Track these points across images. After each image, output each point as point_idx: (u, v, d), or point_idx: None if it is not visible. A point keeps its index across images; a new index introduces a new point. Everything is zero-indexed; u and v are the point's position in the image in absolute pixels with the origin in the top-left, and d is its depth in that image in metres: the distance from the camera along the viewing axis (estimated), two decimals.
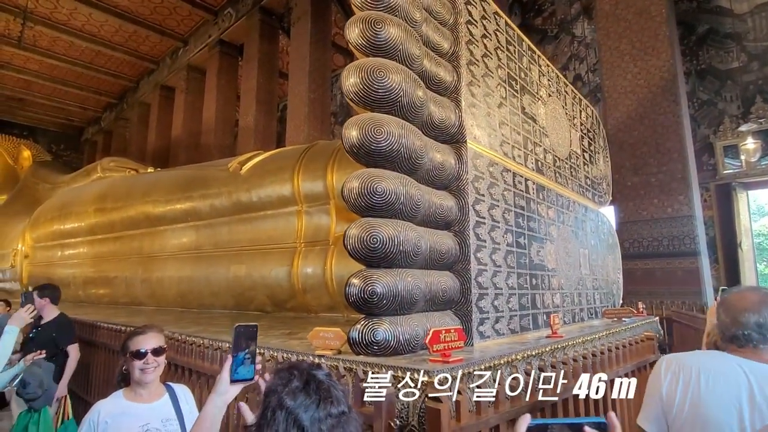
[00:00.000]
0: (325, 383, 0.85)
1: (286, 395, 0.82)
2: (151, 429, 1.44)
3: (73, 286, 8.41)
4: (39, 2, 12.00)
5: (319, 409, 0.81)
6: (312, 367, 0.90)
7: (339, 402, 0.84)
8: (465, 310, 2.74)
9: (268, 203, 5.54)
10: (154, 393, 1.52)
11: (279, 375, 0.88)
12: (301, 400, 0.81)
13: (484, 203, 2.98)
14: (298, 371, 0.86)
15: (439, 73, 2.90)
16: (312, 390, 0.82)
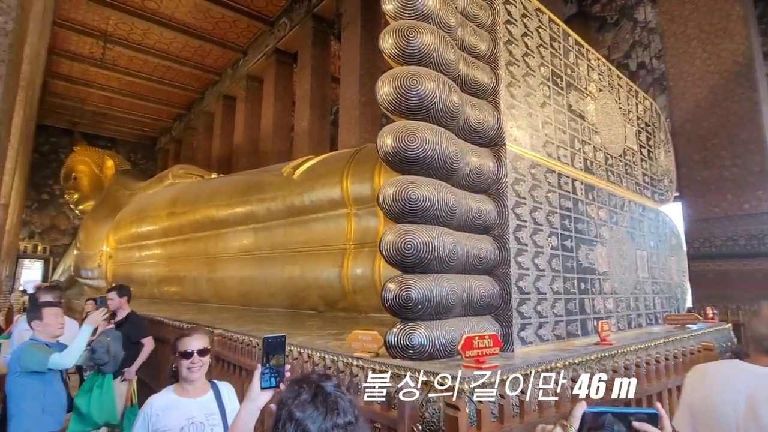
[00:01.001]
0: (333, 395, 0.88)
1: (296, 407, 0.86)
2: (195, 422, 1.60)
3: (149, 284, 9.16)
4: (117, 25, 13.20)
5: (326, 420, 0.85)
6: (321, 378, 0.94)
7: (346, 413, 0.87)
8: (505, 315, 2.71)
9: (319, 206, 5.73)
10: (199, 389, 1.68)
11: (290, 388, 0.93)
12: (310, 412, 0.85)
13: (525, 206, 2.92)
14: (306, 384, 0.91)
15: (476, 76, 2.88)
16: (320, 402, 0.86)
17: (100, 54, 13.75)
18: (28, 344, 2.77)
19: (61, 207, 18.63)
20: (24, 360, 2.67)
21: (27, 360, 2.68)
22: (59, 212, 18.97)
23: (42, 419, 2.74)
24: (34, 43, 6.26)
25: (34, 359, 2.72)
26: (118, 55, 14.65)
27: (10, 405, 2.67)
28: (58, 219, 19.13)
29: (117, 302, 4.10)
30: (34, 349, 2.75)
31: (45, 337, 2.85)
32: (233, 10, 12.56)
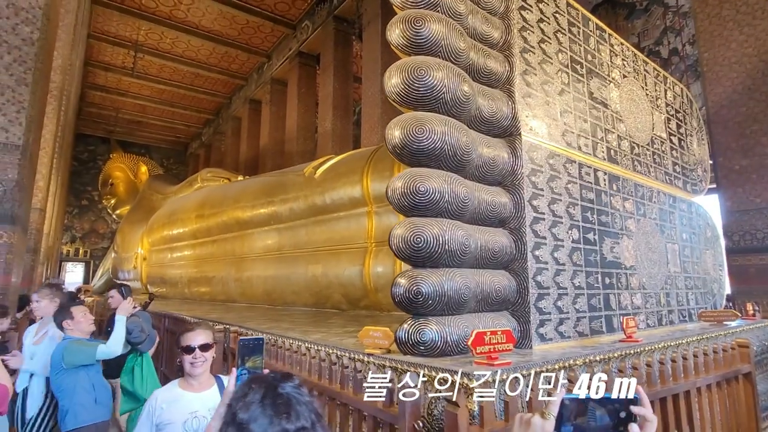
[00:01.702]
0: (286, 396, 0.79)
1: (240, 409, 0.77)
2: (198, 416, 1.61)
3: (180, 285, 9.42)
4: (148, 35, 13.68)
5: (273, 425, 0.75)
6: (279, 378, 0.84)
7: (299, 417, 0.77)
8: (522, 311, 2.61)
9: (341, 205, 5.74)
10: (204, 383, 1.69)
11: (239, 387, 0.84)
12: (255, 414, 0.76)
13: (542, 198, 2.81)
14: (257, 384, 0.82)
15: (489, 65, 2.79)
16: (268, 403, 0.77)
17: (132, 63, 14.26)
18: (70, 342, 2.87)
19: (99, 212, 19.47)
20: (69, 356, 2.77)
21: (73, 356, 2.78)
22: (98, 217, 19.83)
23: (95, 410, 2.89)
24: (67, 53, 6.55)
25: (82, 354, 2.85)
26: (149, 64, 15.17)
27: (63, 400, 2.78)
28: (98, 223, 19.99)
29: (117, 300, 4.20)
30: (78, 345, 2.88)
31: (78, 334, 2.95)
32: (257, 16, 12.78)
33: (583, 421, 0.77)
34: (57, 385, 2.80)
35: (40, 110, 3.96)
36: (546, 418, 0.79)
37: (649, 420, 0.78)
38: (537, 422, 0.80)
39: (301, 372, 2.15)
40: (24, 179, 3.42)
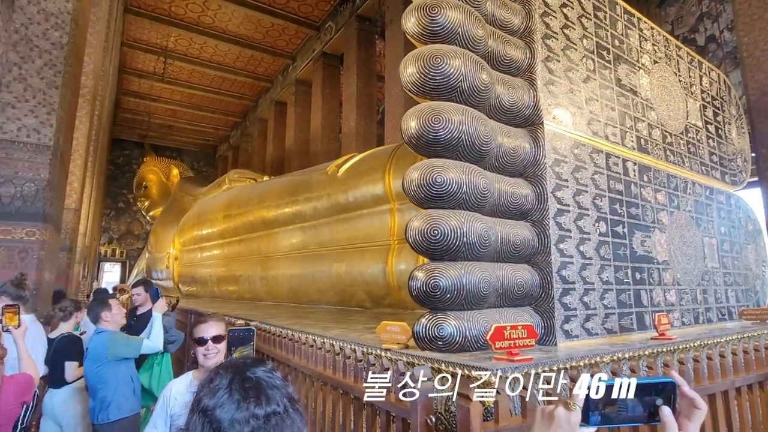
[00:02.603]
0: (255, 380, 0.74)
1: (206, 395, 0.73)
2: None
3: (210, 283, 9.63)
4: (177, 41, 14.08)
5: (240, 410, 0.70)
6: (250, 363, 0.79)
7: (270, 401, 0.72)
8: (546, 306, 2.51)
9: (363, 202, 5.72)
10: None
11: (207, 374, 0.79)
12: (221, 399, 0.71)
13: (567, 189, 2.70)
14: (225, 369, 0.77)
15: (509, 52, 2.70)
16: (236, 388, 0.72)
17: (163, 69, 14.71)
18: (112, 334, 2.96)
19: (134, 214, 20.19)
20: (114, 348, 2.85)
21: (118, 348, 2.87)
22: (133, 219, 20.56)
23: (134, 401, 2.98)
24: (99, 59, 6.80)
25: (128, 347, 2.94)
26: (179, 70, 15.61)
27: (105, 391, 2.83)
28: (133, 225, 20.73)
29: (143, 297, 4.28)
30: (122, 338, 2.98)
31: (113, 326, 3.04)
32: (282, 18, 12.95)
33: (612, 410, 0.70)
34: (98, 377, 2.83)
35: (70, 113, 4.10)
36: (571, 410, 0.73)
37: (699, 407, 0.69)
38: (561, 414, 0.73)
39: (317, 366, 2.13)
40: (55, 179, 3.55)
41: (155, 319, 3.21)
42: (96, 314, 2.95)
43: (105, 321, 2.97)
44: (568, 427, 0.73)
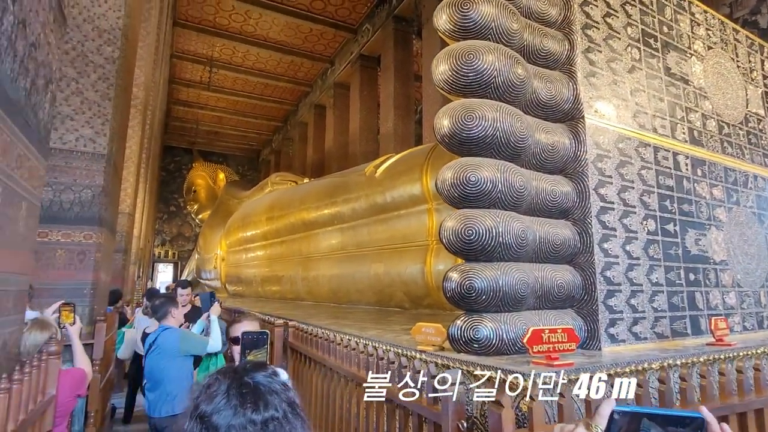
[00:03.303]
0: (253, 385, 0.73)
1: (203, 401, 0.71)
2: None
3: (254, 283, 9.92)
4: (221, 51, 14.63)
5: (237, 415, 0.68)
6: (249, 368, 0.78)
7: (268, 406, 0.71)
8: (589, 308, 2.40)
9: (401, 203, 5.71)
10: None
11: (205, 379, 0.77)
12: (218, 404, 0.70)
13: (611, 186, 2.57)
14: (223, 374, 0.76)
15: (546, 45, 2.61)
16: (233, 393, 0.71)
17: (208, 78, 15.34)
18: (183, 331, 3.10)
19: (185, 217, 21.15)
20: (185, 345, 2.97)
21: (189, 345, 2.99)
22: (184, 222, 21.56)
23: None
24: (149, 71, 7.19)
25: (198, 345, 3.06)
26: (224, 78, 16.22)
27: (171, 385, 2.93)
28: (184, 227, 21.75)
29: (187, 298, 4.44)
30: (193, 336, 3.11)
31: (176, 323, 3.17)
32: (320, 23, 13.17)
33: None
34: (165, 371, 2.91)
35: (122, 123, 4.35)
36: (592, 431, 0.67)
37: None
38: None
39: (351, 367, 2.14)
40: (109, 185, 3.78)
41: (213, 322, 3.30)
42: (166, 311, 3.04)
43: (172, 318, 3.09)
44: None
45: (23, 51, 1.44)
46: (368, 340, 2.57)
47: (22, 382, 1.35)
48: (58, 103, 3.50)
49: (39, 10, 1.55)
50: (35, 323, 1.92)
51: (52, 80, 1.81)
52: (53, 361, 1.71)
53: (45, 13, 1.62)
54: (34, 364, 1.50)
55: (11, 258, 1.49)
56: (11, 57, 1.34)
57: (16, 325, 1.62)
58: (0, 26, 1.23)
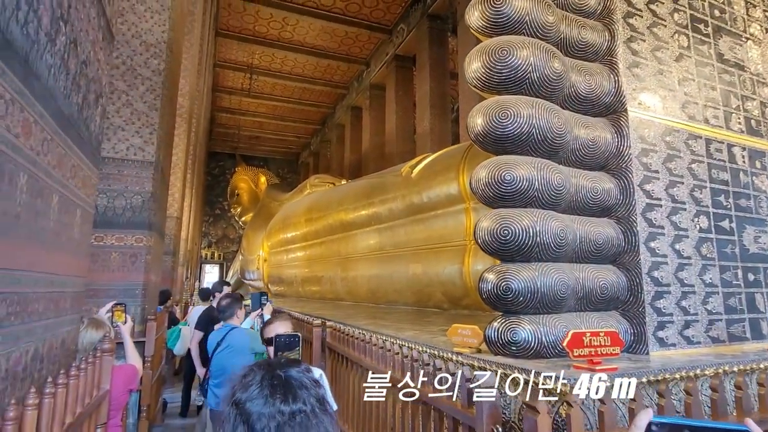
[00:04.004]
0: (285, 378, 0.78)
1: (239, 389, 0.78)
2: None
3: (295, 284, 10.14)
4: (261, 57, 15.07)
5: (267, 405, 0.74)
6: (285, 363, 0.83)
7: (296, 399, 0.75)
8: (636, 311, 2.29)
9: (438, 203, 5.67)
10: None
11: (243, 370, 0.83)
12: (252, 393, 0.75)
13: (658, 181, 2.44)
14: (258, 366, 0.82)
15: (584, 36, 2.51)
16: (266, 385, 0.76)
17: (249, 84, 15.84)
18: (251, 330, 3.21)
19: (229, 220, 21.95)
20: (255, 344, 3.01)
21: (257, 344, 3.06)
22: (228, 224, 22.38)
23: None
24: (193, 81, 7.51)
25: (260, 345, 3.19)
26: (263, 84, 16.70)
27: None
28: (228, 230, 22.57)
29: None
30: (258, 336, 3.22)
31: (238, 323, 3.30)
32: (355, 26, 13.30)
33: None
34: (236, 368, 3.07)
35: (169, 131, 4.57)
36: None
37: None
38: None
39: (386, 369, 2.15)
40: (157, 191, 3.98)
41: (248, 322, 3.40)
42: (233, 311, 3.15)
43: (237, 318, 3.20)
44: None
45: (75, 68, 1.54)
46: (404, 341, 2.56)
47: (79, 378, 1.44)
48: (110, 115, 3.73)
49: (89, 29, 1.65)
50: (91, 322, 2.05)
51: (102, 95, 1.93)
52: (107, 358, 1.82)
53: (94, 32, 1.73)
54: (89, 360, 1.60)
55: (68, 262, 1.60)
56: (64, 75, 1.43)
57: (74, 325, 1.74)
58: (53, 47, 1.32)
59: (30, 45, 1.16)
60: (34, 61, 1.20)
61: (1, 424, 0.94)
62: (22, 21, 1.10)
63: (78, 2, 1.50)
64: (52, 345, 1.45)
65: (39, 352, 1.33)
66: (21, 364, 1.20)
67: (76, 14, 1.49)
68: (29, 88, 1.17)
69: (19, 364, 1.19)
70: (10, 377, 1.13)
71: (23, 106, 1.14)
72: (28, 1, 1.13)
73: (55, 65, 1.35)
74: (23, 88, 1.13)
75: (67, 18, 1.41)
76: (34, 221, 1.25)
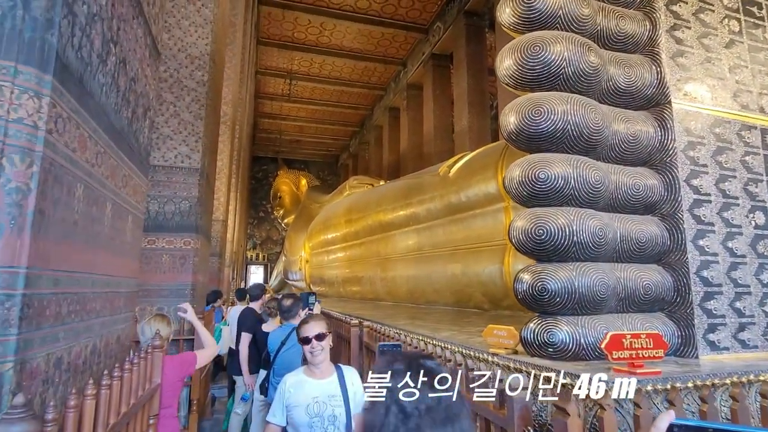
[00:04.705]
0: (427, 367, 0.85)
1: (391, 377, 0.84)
2: (318, 401, 1.73)
3: (336, 284, 10.31)
4: (300, 63, 15.45)
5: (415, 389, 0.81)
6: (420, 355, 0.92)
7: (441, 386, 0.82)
8: (683, 312, 2.18)
9: (476, 202, 5.60)
10: (325, 372, 1.82)
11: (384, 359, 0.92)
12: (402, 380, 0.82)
13: (706, 176, 2.31)
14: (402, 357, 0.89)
15: (623, 27, 2.42)
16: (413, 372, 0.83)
17: (289, 90, 16.26)
18: None
19: (272, 222, 22.62)
20: None
21: None
22: (272, 226, 23.06)
23: None
24: (236, 89, 7.82)
25: None
26: (302, 89, 17.10)
27: None
28: (272, 232, 23.26)
29: None
30: None
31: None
32: (391, 27, 13.37)
33: None
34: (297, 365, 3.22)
35: (213, 139, 4.80)
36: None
37: None
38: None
39: None
40: (203, 196, 4.18)
41: None
42: (296, 311, 3.25)
43: (299, 317, 3.33)
44: None
45: (125, 85, 1.66)
46: (438, 341, 2.57)
47: (132, 371, 1.56)
48: (159, 126, 3.96)
49: (136, 48, 1.78)
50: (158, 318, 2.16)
51: (150, 108, 2.07)
52: (158, 354, 1.95)
53: (141, 50, 1.86)
54: (141, 356, 1.72)
55: (121, 264, 1.73)
56: (115, 92, 1.56)
57: (127, 322, 1.88)
58: (105, 67, 1.44)
59: (84, 67, 1.27)
60: (88, 81, 1.31)
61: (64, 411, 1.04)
62: (76, 46, 1.21)
63: (126, 24, 1.62)
64: (108, 341, 1.57)
65: (97, 347, 1.45)
66: (81, 358, 1.32)
67: (124, 35, 1.61)
68: (84, 106, 1.28)
69: (79, 358, 1.30)
70: (71, 369, 1.25)
71: (79, 123, 1.25)
72: (81, 28, 1.24)
73: (107, 83, 1.47)
74: (78, 106, 1.24)
75: (116, 39, 1.53)
76: (91, 227, 1.37)
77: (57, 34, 1.09)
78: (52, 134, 1.10)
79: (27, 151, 1.02)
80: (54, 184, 1.11)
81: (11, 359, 0.96)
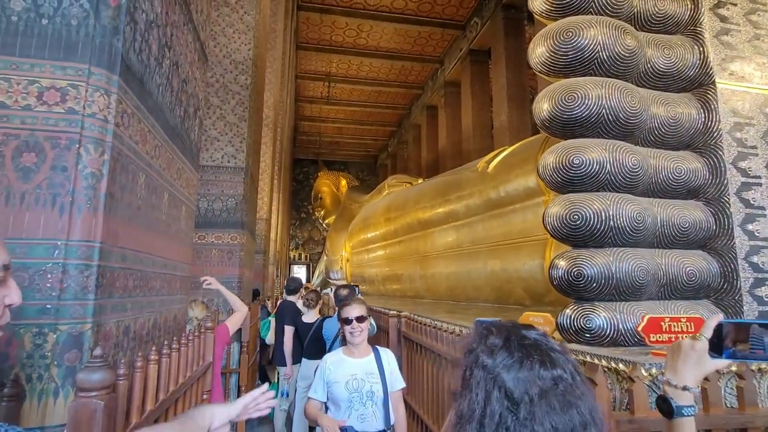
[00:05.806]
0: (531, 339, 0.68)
1: (483, 353, 0.68)
2: (357, 378, 1.82)
3: (377, 282, 10.44)
4: (338, 65, 15.75)
5: (523, 369, 0.64)
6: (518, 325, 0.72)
7: (555, 364, 0.65)
8: (731, 299, 2.11)
9: (516, 197, 5.54)
10: (363, 351, 1.91)
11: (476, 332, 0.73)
12: (501, 358, 0.66)
13: (755, 158, 2.22)
14: (496, 327, 0.71)
15: (663, 8, 2.36)
16: (514, 347, 0.66)
17: (327, 92, 16.61)
18: None
19: (314, 222, 23.15)
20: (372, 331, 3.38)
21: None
22: (313, 226, 23.61)
23: None
24: (277, 92, 8.12)
25: None
26: (341, 91, 17.41)
27: None
28: (313, 232, 23.82)
29: None
30: None
31: None
32: (427, 25, 13.38)
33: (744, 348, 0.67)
34: None
35: (256, 140, 5.04)
36: (697, 340, 0.77)
37: None
38: (686, 343, 0.78)
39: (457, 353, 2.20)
40: (248, 194, 4.41)
41: None
42: None
43: None
44: (693, 354, 0.76)
45: (177, 86, 1.83)
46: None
47: (188, 346, 1.71)
48: (207, 128, 4.23)
49: (187, 52, 1.94)
50: (199, 304, 2.35)
51: (199, 108, 2.24)
52: (209, 335, 2.11)
53: (191, 54, 2.02)
54: (196, 334, 1.88)
55: (177, 249, 1.90)
56: (169, 92, 1.72)
57: (182, 304, 2.05)
58: (161, 69, 1.59)
59: (143, 68, 1.43)
60: (147, 81, 1.46)
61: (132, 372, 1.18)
62: (137, 50, 1.37)
63: (178, 30, 1.78)
64: (166, 318, 1.73)
65: (157, 322, 1.61)
66: (145, 329, 1.48)
67: (176, 40, 1.77)
68: (144, 104, 1.43)
69: (143, 329, 1.46)
70: (137, 338, 1.40)
71: (140, 119, 1.40)
72: (141, 33, 1.39)
73: (162, 84, 1.62)
74: (140, 104, 1.40)
75: (170, 44, 1.68)
76: (151, 213, 1.53)
77: (122, 40, 1.24)
78: (119, 127, 1.25)
79: (99, 141, 1.17)
80: (121, 171, 1.27)
81: (90, 321, 1.11)
